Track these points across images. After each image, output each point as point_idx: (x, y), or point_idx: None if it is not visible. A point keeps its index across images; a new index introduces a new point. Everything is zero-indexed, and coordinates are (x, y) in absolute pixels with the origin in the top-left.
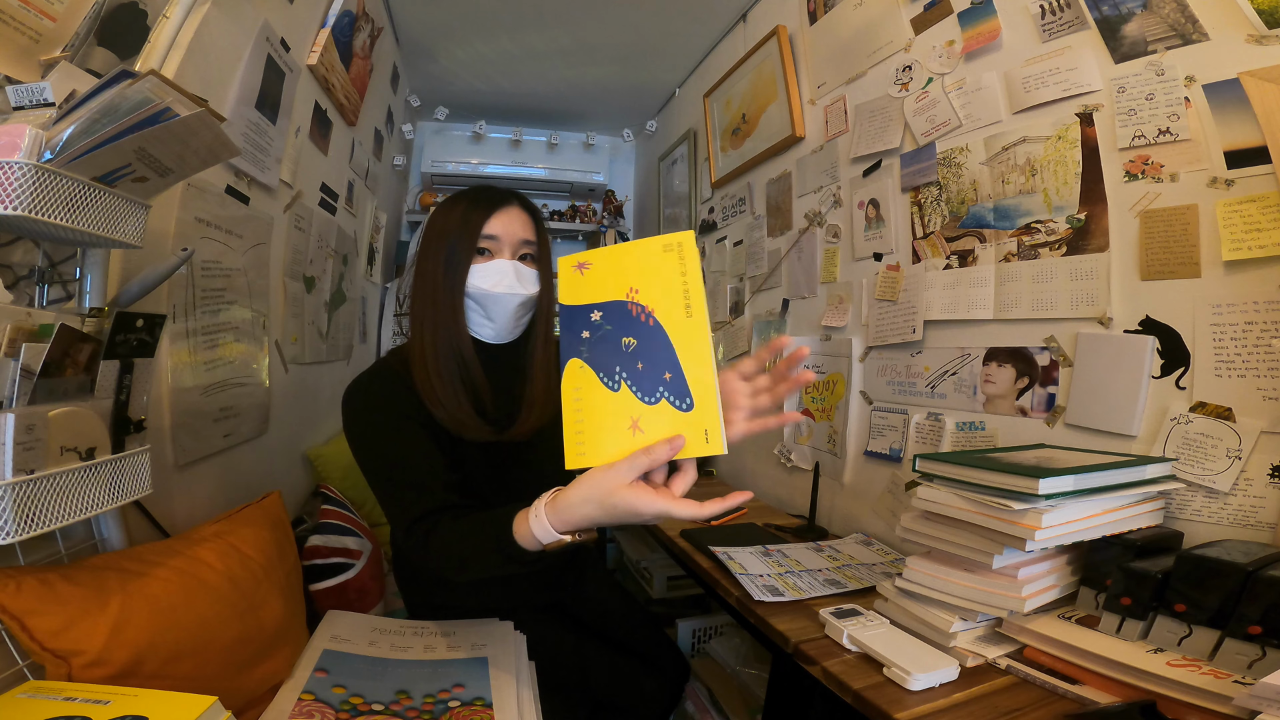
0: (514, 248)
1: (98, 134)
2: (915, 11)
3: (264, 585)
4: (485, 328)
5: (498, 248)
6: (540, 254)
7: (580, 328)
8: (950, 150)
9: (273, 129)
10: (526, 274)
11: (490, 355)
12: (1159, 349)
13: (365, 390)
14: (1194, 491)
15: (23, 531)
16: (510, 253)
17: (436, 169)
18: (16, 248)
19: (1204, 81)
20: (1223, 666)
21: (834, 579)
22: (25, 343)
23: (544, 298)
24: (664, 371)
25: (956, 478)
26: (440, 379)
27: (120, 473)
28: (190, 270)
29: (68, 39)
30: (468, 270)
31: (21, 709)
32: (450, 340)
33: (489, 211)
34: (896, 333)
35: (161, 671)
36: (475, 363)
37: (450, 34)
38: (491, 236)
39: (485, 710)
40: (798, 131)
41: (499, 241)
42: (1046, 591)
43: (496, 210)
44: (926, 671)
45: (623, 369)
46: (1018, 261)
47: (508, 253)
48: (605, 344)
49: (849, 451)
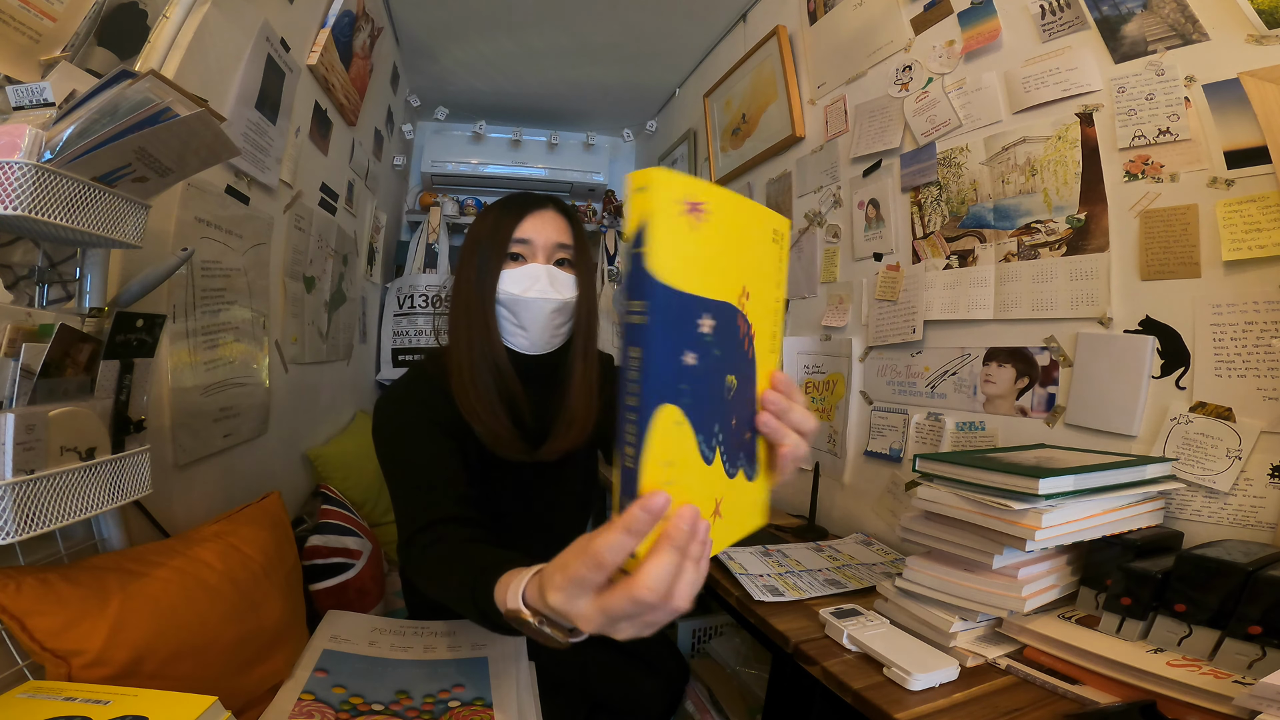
0: (548, 252)
1: (98, 134)
2: (915, 11)
3: (264, 585)
4: (519, 336)
5: (531, 252)
6: (578, 259)
7: (684, 344)
8: (950, 150)
9: (273, 129)
10: (561, 279)
11: (525, 367)
12: (1159, 349)
13: (399, 398)
14: (1194, 491)
15: (23, 531)
16: (544, 257)
17: (436, 169)
18: (16, 248)
19: (1204, 81)
20: (1223, 666)
21: (834, 579)
22: (25, 343)
23: (582, 306)
24: (746, 430)
25: (956, 478)
26: (476, 391)
27: (120, 473)
28: (190, 270)
29: (68, 39)
30: (498, 276)
31: (21, 709)
32: (484, 350)
33: (520, 215)
34: (896, 333)
35: (161, 671)
36: (511, 373)
37: (450, 34)
38: (523, 240)
39: (485, 710)
40: (798, 131)
41: (531, 245)
42: (1046, 591)
43: (529, 214)
44: (926, 671)
45: (721, 427)
46: (1018, 261)
47: (541, 257)
48: (709, 382)
49: (849, 451)
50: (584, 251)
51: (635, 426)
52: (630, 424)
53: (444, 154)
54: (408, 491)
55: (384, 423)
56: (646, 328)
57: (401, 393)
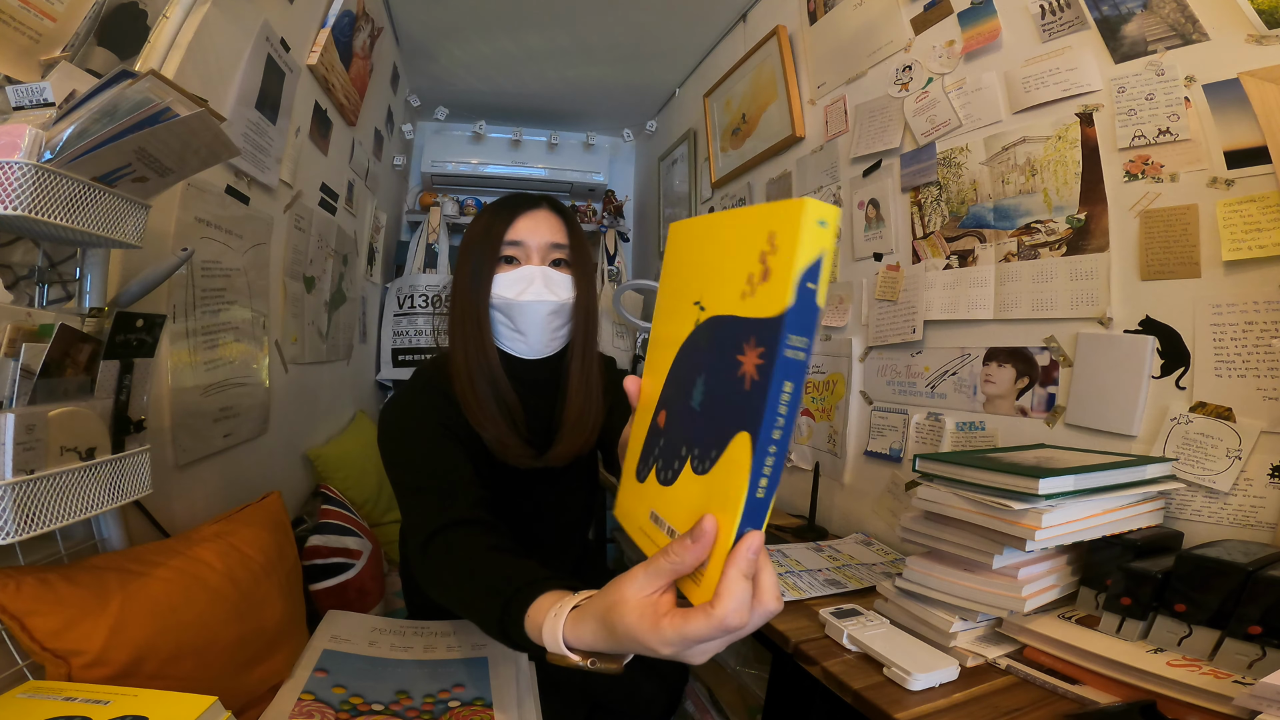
0: (543, 253)
1: (98, 134)
2: (915, 11)
3: (264, 585)
4: (517, 341)
5: (525, 254)
6: (575, 258)
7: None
8: (950, 150)
9: (273, 129)
10: (557, 280)
11: (527, 371)
12: (1159, 349)
13: (406, 403)
14: (1194, 491)
15: (23, 531)
16: (539, 258)
17: (436, 169)
18: (16, 248)
19: (1204, 81)
20: (1223, 666)
21: (834, 579)
22: (25, 343)
23: (581, 307)
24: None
25: (956, 478)
26: (477, 398)
27: (120, 473)
28: (190, 270)
29: (68, 39)
30: (491, 280)
31: (21, 709)
32: (480, 360)
33: (512, 216)
34: (896, 333)
35: (161, 672)
36: (504, 381)
37: (450, 34)
38: (516, 243)
39: (485, 710)
40: (798, 131)
41: (525, 247)
42: (1046, 591)
43: (520, 214)
44: (926, 671)
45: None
46: (1018, 261)
47: (536, 259)
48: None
49: (849, 451)
50: (581, 250)
51: (774, 460)
52: (770, 457)
53: (444, 154)
54: (420, 495)
55: (391, 426)
56: (803, 364)
57: (408, 398)
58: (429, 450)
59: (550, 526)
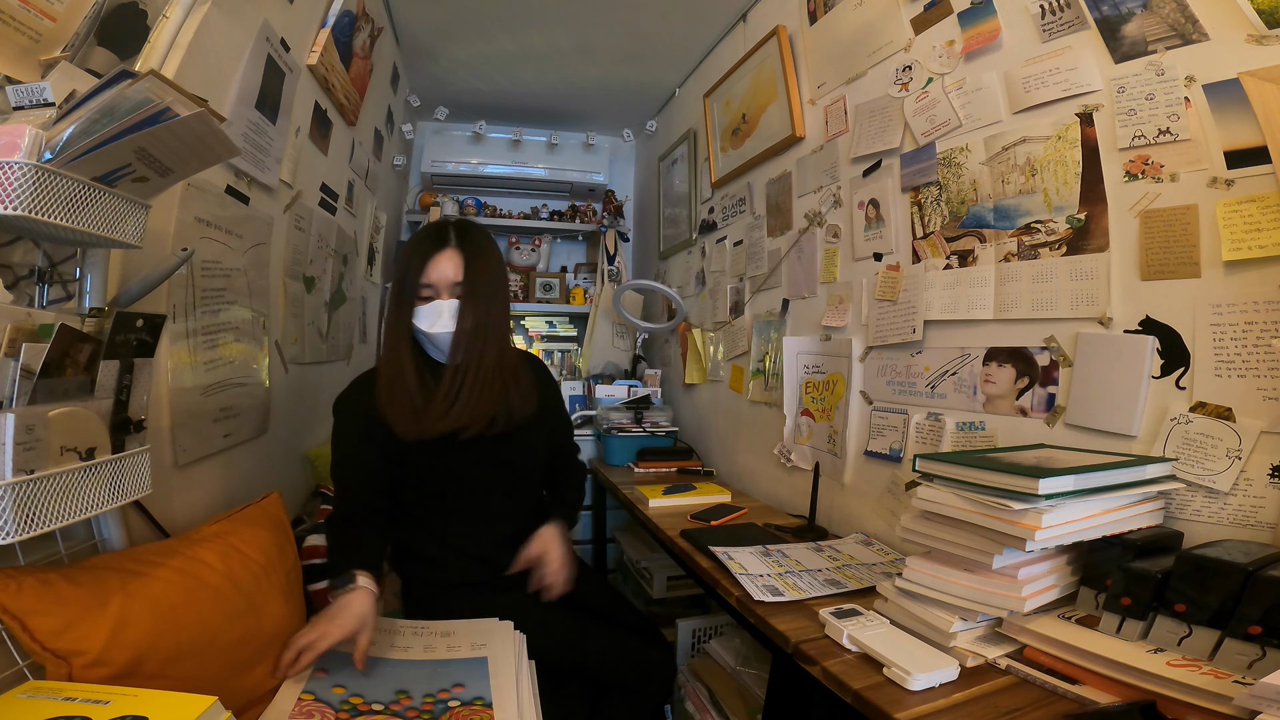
0: (449, 289)
1: (98, 134)
2: (915, 11)
3: (264, 585)
4: (435, 353)
5: (435, 291)
6: (467, 290)
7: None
8: (950, 150)
9: (273, 129)
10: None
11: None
12: (1159, 349)
13: (344, 398)
14: (1194, 491)
15: (23, 531)
16: (447, 294)
17: (436, 169)
18: (16, 248)
19: (1204, 81)
20: (1223, 666)
21: (834, 579)
22: (25, 343)
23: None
24: None
25: (956, 478)
26: (390, 393)
27: (120, 473)
28: (190, 270)
29: (68, 39)
30: (413, 312)
31: (21, 709)
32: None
33: (424, 261)
34: (896, 333)
35: (162, 672)
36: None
37: (450, 34)
38: (428, 285)
39: (485, 710)
40: (798, 131)
41: (435, 288)
42: (1046, 591)
43: (430, 258)
44: (926, 671)
45: None
46: (1018, 261)
47: (445, 294)
48: None
49: (849, 451)
50: (475, 280)
51: None
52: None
53: (444, 154)
54: (340, 483)
55: (335, 421)
56: None
57: (343, 397)
58: (351, 451)
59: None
